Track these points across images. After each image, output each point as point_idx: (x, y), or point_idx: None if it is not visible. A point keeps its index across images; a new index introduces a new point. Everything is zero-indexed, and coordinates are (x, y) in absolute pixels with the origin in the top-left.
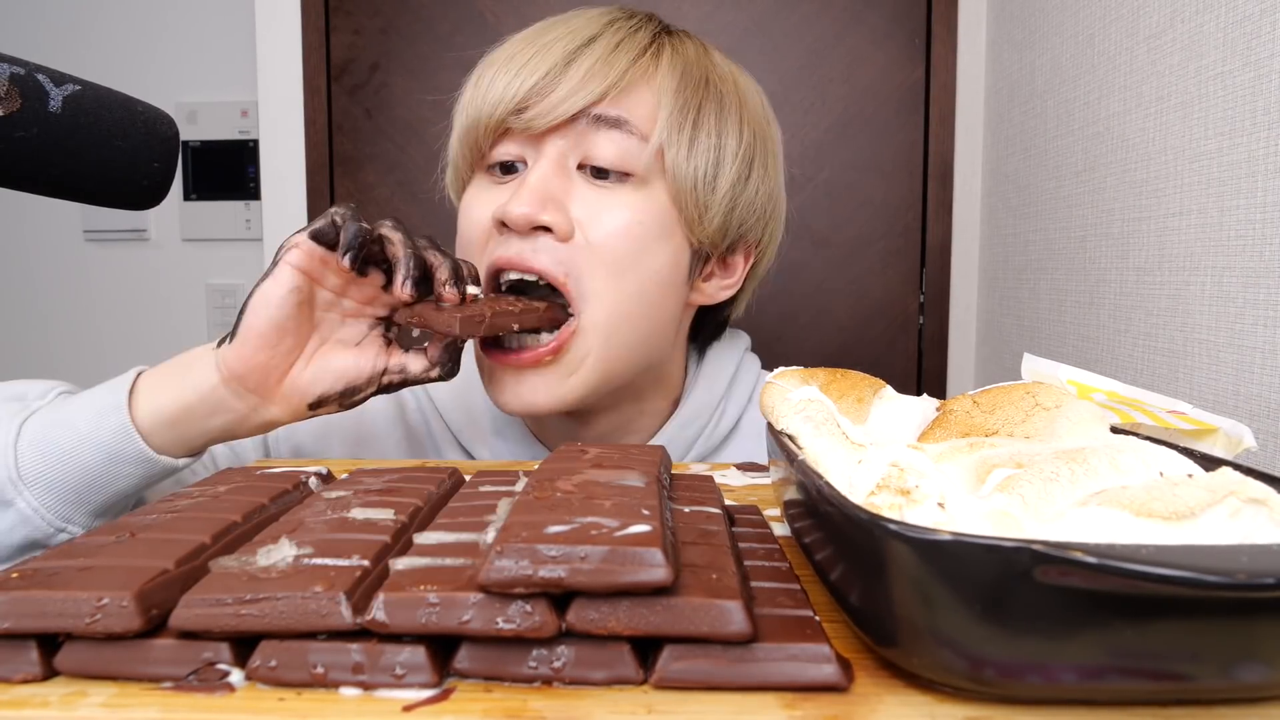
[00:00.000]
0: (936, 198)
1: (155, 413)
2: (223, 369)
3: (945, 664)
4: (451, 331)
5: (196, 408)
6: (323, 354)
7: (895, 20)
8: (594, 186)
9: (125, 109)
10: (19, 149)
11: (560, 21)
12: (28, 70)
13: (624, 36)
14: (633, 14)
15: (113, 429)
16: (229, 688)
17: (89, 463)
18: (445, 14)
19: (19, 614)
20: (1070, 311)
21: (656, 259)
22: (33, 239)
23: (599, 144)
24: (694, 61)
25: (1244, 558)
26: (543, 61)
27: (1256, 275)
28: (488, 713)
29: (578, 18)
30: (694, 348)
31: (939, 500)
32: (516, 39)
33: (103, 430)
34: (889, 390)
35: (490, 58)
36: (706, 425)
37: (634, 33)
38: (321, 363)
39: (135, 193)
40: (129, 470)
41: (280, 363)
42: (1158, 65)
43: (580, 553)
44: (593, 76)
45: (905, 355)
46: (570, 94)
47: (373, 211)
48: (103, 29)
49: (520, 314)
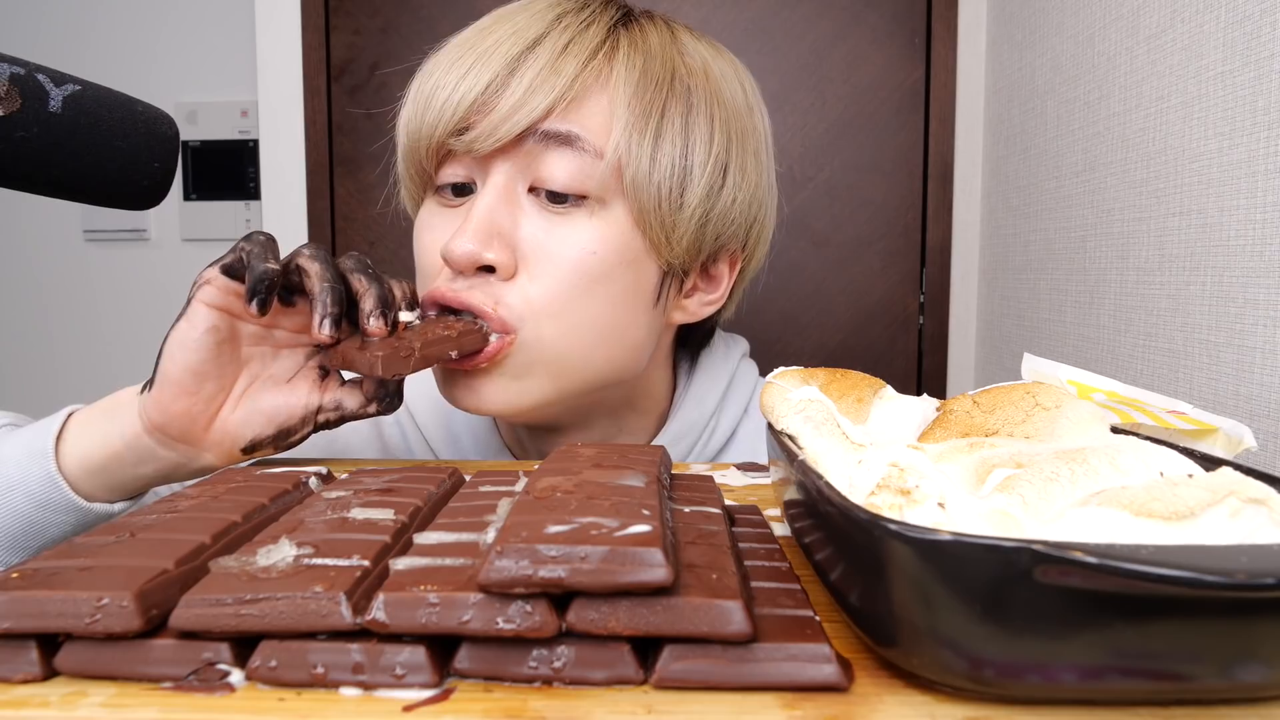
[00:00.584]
0: (936, 198)
1: (82, 460)
2: (144, 419)
3: (945, 664)
4: (374, 373)
5: (124, 455)
6: (252, 394)
7: (895, 20)
8: (545, 213)
9: (125, 109)
10: (19, 149)
11: (504, 17)
12: (28, 70)
13: (573, 35)
14: (586, 2)
15: (39, 478)
16: (229, 688)
17: (21, 510)
18: (445, 14)
19: (19, 614)
20: (1070, 311)
21: (614, 286)
22: (33, 239)
23: (549, 164)
24: (657, 55)
25: (1244, 558)
26: (484, 71)
27: (1256, 275)
28: (488, 713)
29: (523, 12)
30: (685, 355)
31: (939, 500)
32: (457, 40)
33: (30, 478)
34: (889, 390)
35: (428, 66)
36: (698, 441)
37: (585, 29)
38: (250, 404)
39: (135, 193)
40: (61, 518)
41: (205, 408)
42: (1158, 65)
43: (580, 553)
44: (536, 90)
45: (905, 355)
46: (513, 110)
47: (372, 211)
48: (103, 29)
49: (459, 338)
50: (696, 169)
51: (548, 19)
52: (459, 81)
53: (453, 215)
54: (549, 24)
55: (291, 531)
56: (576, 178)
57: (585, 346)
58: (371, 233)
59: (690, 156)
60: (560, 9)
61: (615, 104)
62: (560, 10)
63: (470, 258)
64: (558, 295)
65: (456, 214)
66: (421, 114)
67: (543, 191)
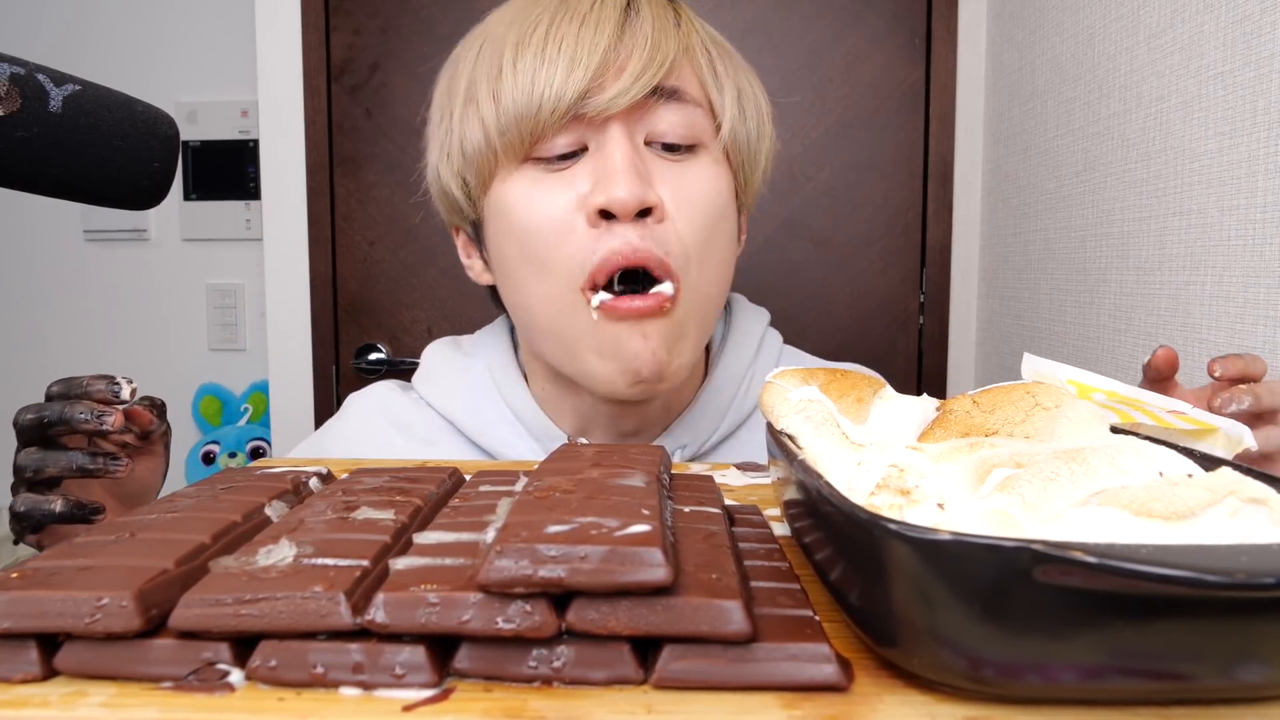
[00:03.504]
0: (936, 198)
1: None
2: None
3: (945, 664)
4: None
5: None
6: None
7: (895, 20)
8: (669, 162)
9: (125, 109)
10: (19, 149)
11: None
12: (28, 70)
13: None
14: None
15: None
16: (229, 688)
17: None
18: (445, 14)
19: (19, 614)
20: (1070, 311)
21: (730, 226)
22: (33, 239)
23: (662, 118)
24: (685, 13)
25: (1244, 558)
26: (596, 38)
27: (1256, 275)
28: (488, 713)
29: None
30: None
31: (939, 500)
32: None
33: None
34: (889, 390)
35: (509, 37)
36: (736, 393)
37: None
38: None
39: (135, 193)
40: None
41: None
42: (1158, 65)
43: (580, 552)
44: (656, 47)
45: (905, 355)
46: (641, 71)
47: (372, 211)
48: (103, 29)
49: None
50: (765, 117)
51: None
52: (574, 50)
53: (564, 177)
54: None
55: (291, 531)
56: (690, 129)
57: (717, 293)
58: (371, 233)
59: (760, 106)
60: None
61: (696, 62)
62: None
63: (638, 199)
64: (699, 236)
65: (569, 174)
66: (532, 83)
67: (658, 144)
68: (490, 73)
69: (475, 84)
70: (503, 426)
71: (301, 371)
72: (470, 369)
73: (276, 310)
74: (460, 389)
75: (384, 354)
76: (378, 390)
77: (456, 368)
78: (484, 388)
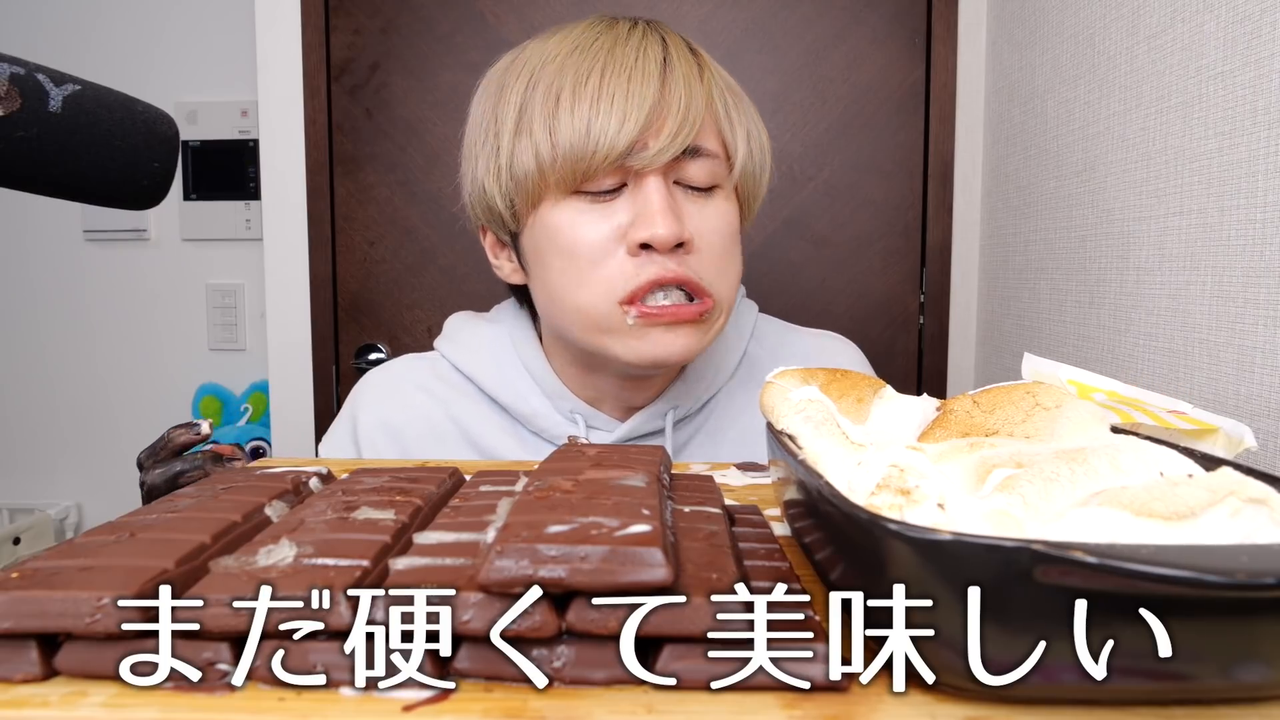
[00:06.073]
0: (936, 198)
1: None
2: None
3: (945, 664)
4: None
5: None
6: None
7: (895, 20)
8: (694, 200)
9: (125, 109)
10: (19, 149)
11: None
12: (28, 70)
13: (670, 53)
14: (634, 21)
15: None
16: (229, 688)
17: None
18: (445, 14)
19: (19, 614)
20: (1070, 311)
21: (739, 247)
22: (33, 239)
23: (689, 167)
24: (708, 65)
25: (1244, 558)
26: (643, 92)
27: (1256, 275)
28: (488, 713)
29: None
30: None
31: (939, 500)
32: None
33: None
34: (889, 390)
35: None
36: (715, 353)
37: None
38: None
39: (135, 193)
40: None
41: None
42: (1158, 65)
43: (580, 552)
44: (687, 109)
45: (905, 355)
46: (676, 131)
47: (372, 211)
48: (103, 29)
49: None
50: (766, 151)
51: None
52: (623, 105)
53: (607, 209)
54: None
55: (292, 531)
56: (713, 175)
57: (731, 304)
58: (371, 233)
59: (763, 142)
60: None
61: (715, 113)
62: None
63: (675, 235)
64: (720, 261)
65: (610, 207)
66: (587, 132)
67: (685, 185)
68: (545, 110)
69: (529, 117)
70: (520, 384)
71: (301, 371)
72: (492, 333)
73: (276, 310)
74: (482, 347)
75: (384, 354)
76: (393, 362)
77: (480, 331)
78: (505, 349)
